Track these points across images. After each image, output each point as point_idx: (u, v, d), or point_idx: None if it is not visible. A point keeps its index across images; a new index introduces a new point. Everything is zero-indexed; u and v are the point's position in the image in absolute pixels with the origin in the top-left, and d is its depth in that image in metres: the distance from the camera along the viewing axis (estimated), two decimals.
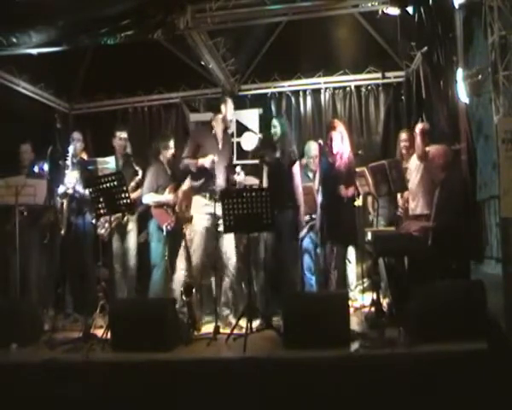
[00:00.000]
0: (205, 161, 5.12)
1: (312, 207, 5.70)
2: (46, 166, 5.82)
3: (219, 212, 4.80)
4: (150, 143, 6.22)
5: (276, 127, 5.43)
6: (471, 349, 3.46)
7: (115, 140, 6.03)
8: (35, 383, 3.67)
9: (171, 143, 6.04)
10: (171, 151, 6.01)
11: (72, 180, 5.71)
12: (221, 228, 4.86)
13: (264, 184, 5.41)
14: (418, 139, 5.02)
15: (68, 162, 5.72)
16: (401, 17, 5.73)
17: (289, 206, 5.26)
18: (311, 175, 6.19)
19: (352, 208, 5.51)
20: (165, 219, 5.61)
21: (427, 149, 5.15)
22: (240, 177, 5.37)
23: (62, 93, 8.05)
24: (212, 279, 5.45)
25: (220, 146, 5.35)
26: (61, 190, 5.73)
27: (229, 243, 5.21)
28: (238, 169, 5.38)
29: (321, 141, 5.36)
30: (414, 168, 5.53)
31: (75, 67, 7.60)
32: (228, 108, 5.35)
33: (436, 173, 4.88)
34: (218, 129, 5.37)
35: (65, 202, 5.75)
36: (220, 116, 5.36)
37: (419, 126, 5.15)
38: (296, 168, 5.39)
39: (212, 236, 5.12)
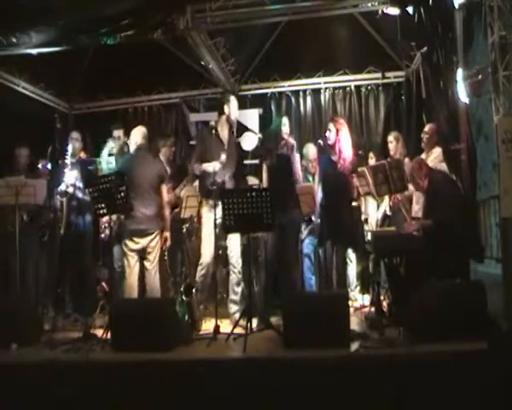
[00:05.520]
0: (208, 167, 5.07)
1: (312, 208, 5.70)
2: (50, 165, 5.83)
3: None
4: (150, 142, 6.23)
5: (285, 125, 5.42)
6: (471, 349, 3.46)
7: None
8: (35, 383, 3.67)
9: (170, 142, 6.03)
10: (171, 149, 6.00)
11: (71, 179, 5.71)
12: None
13: (264, 185, 5.40)
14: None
15: (67, 161, 5.72)
16: (401, 17, 5.73)
17: (292, 206, 5.26)
18: (310, 178, 6.19)
19: (352, 209, 5.50)
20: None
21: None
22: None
23: (62, 93, 8.06)
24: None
25: (226, 146, 5.26)
26: (60, 188, 5.71)
27: (233, 240, 5.20)
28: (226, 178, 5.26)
29: (321, 141, 5.34)
30: None
31: (75, 67, 7.60)
32: (231, 107, 5.27)
33: (419, 184, 4.91)
34: (223, 131, 5.29)
35: (64, 200, 5.74)
36: (224, 117, 5.30)
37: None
38: (295, 156, 5.36)
39: (220, 234, 5.11)
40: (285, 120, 5.49)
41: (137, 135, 5.33)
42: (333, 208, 5.03)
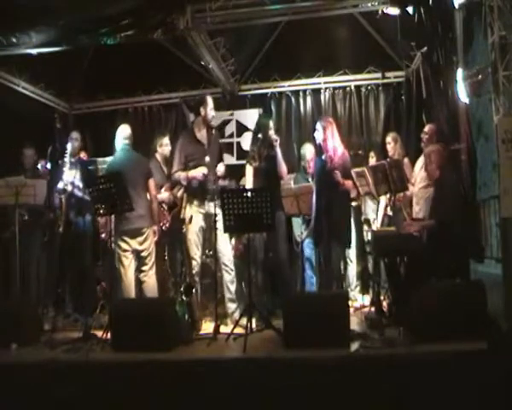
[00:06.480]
0: (196, 174, 5.14)
1: (311, 208, 5.69)
2: (49, 165, 5.83)
3: (212, 210, 4.91)
4: (150, 142, 6.26)
5: (272, 129, 5.43)
6: (471, 349, 3.46)
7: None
8: (35, 383, 3.67)
9: (166, 140, 6.03)
10: (167, 148, 6.00)
11: (70, 177, 5.70)
12: (218, 226, 4.90)
13: (248, 186, 5.39)
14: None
15: (66, 160, 5.71)
16: (401, 17, 5.73)
17: (278, 207, 5.26)
18: (309, 179, 6.18)
19: (348, 208, 5.48)
20: (160, 218, 5.58)
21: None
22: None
23: (62, 93, 8.06)
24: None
25: (206, 146, 5.29)
26: (59, 186, 5.70)
27: (223, 240, 5.20)
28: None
29: (320, 141, 5.34)
30: (418, 172, 5.53)
31: (75, 67, 7.61)
32: (207, 108, 5.30)
33: (432, 171, 4.90)
34: (200, 131, 5.33)
35: (63, 198, 5.74)
36: (200, 118, 5.35)
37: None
38: (278, 151, 5.37)
39: (208, 234, 5.16)
40: (272, 124, 5.52)
41: (123, 134, 5.33)
42: (325, 207, 5.03)
